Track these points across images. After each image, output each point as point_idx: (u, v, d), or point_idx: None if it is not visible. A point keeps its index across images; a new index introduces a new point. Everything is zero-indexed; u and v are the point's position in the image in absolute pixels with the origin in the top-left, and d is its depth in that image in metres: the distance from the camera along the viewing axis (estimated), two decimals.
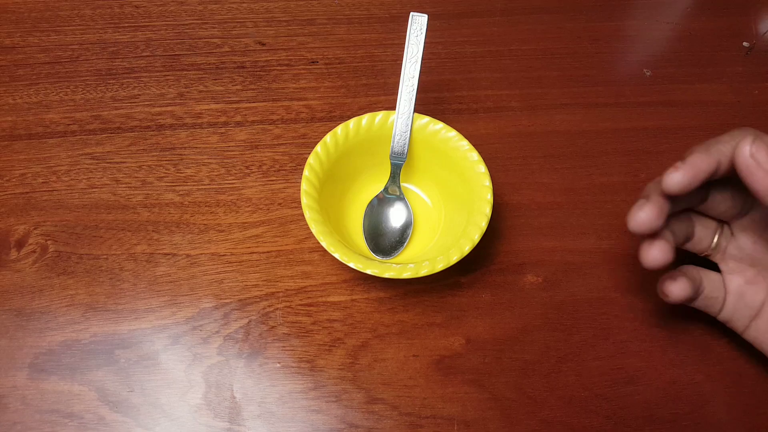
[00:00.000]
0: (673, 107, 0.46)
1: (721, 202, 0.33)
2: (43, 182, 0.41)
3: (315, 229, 0.34)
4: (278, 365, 0.35)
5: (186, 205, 0.40)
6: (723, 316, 0.34)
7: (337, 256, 0.33)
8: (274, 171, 0.42)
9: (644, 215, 0.30)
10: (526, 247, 0.39)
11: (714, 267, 0.34)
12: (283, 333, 0.36)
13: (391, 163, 0.38)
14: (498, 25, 0.51)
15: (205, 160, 0.42)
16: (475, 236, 0.34)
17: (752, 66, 0.49)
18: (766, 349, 0.33)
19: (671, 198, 0.31)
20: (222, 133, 0.44)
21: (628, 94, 0.47)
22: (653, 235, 0.31)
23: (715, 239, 0.34)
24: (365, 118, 0.38)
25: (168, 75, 0.46)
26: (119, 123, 0.44)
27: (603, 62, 0.49)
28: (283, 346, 0.35)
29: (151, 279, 0.37)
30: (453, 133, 0.37)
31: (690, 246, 0.34)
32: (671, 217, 0.32)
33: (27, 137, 0.43)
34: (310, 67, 0.47)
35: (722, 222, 0.34)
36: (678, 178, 0.29)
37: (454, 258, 0.33)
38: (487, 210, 0.35)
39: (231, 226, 0.40)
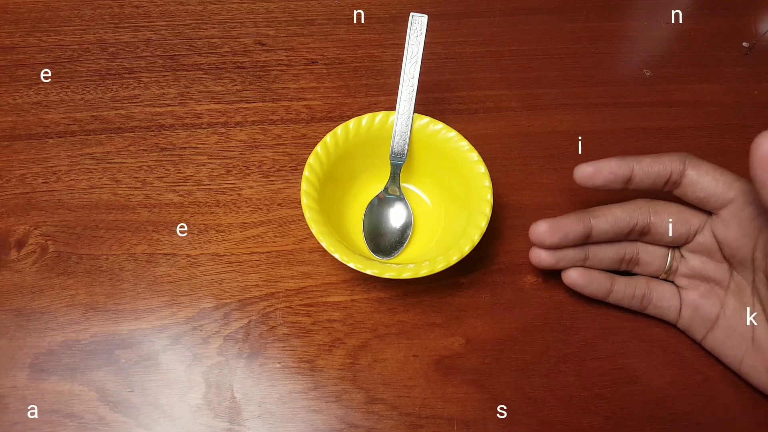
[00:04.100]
0: (673, 107, 0.46)
1: (664, 235, 0.35)
2: (43, 182, 0.41)
3: (315, 229, 0.34)
4: (278, 365, 0.35)
5: (186, 205, 0.40)
6: (681, 324, 0.36)
7: (337, 256, 0.33)
8: (274, 171, 0.42)
9: (541, 229, 0.34)
10: (526, 247, 0.39)
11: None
12: (283, 333, 0.36)
13: (391, 164, 0.38)
14: (498, 25, 0.51)
15: (205, 161, 0.42)
16: (475, 236, 0.34)
17: (752, 66, 0.49)
18: (722, 357, 0.34)
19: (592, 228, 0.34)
20: (222, 133, 0.44)
21: (628, 94, 0.47)
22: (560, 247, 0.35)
23: (668, 262, 0.36)
24: (365, 119, 0.38)
25: (168, 75, 0.46)
26: (119, 123, 0.44)
27: (603, 62, 0.49)
28: (283, 347, 0.35)
29: (151, 279, 0.37)
30: (453, 134, 0.37)
31: (640, 270, 0.36)
32: (605, 243, 0.35)
33: (27, 137, 0.43)
34: (310, 67, 0.47)
35: (672, 247, 0.36)
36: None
37: (454, 258, 0.33)
38: (487, 210, 0.35)
39: (231, 227, 0.40)
